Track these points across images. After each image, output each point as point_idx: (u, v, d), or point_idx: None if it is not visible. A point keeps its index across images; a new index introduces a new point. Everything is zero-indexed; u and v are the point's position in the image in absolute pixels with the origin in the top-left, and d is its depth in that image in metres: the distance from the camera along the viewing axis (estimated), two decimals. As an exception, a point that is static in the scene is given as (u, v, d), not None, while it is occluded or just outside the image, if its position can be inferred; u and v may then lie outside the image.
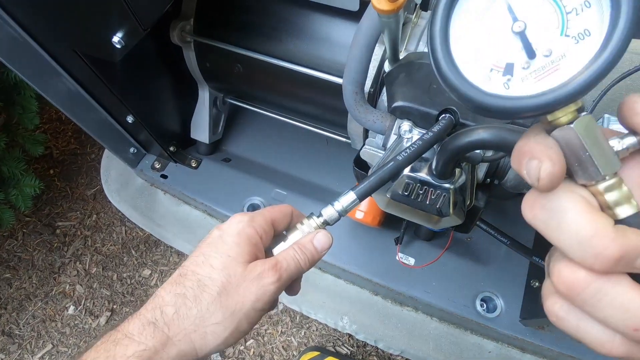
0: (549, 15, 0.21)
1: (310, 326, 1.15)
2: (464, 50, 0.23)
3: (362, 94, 0.59)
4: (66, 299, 1.27)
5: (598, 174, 0.21)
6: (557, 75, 0.21)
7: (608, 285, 0.20)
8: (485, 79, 0.22)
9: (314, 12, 0.70)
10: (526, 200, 0.22)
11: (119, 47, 0.51)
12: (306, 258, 0.37)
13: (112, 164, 1.15)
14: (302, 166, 1.06)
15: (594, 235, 0.19)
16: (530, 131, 0.23)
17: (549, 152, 0.20)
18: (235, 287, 0.34)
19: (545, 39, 0.22)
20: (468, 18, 0.23)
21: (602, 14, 0.20)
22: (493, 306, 0.85)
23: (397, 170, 0.38)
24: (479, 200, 0.56)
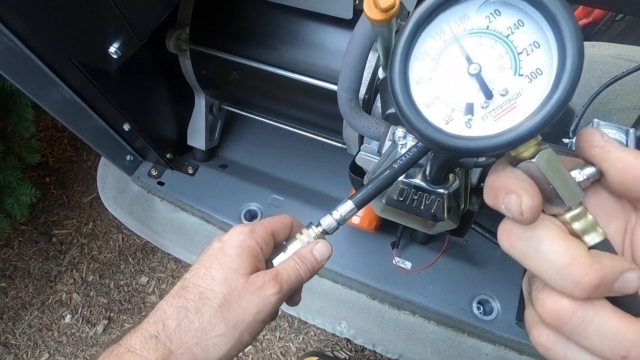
0: (502, 57, 0.22)
1: (308, 331, 1.15)
2: (424, 93, 0.24)
3: (357, 100, 0.60)
4: (63, 307, 1.26)
5: (563, 205, 0.22)
6: (515, 112, 0.22)
7: (592, 312, 0.20)
8: (447, 119, 0.23)
9: (308, 20, 0.71)
10: (502, 230, 0.23)
11: (115, 57, 0.52)
12: (306, 268, 0.38)
13: (109, 171, 1.15)
14: (298, 172, 1.07)
15: (571, 263, 0.20)
16: (497, 166, 0.23)
17: (524, 185, 0.21)
18: (237, 299, 0.34)
19: (501, 79, 0.22)
20: (425, 62, 0.24)
21: (551, 53, 0.21)
22: (490, 309, 0.86)
23: (393, 178, 0.39)
24: (473, 204, 0.57)
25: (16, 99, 1.07)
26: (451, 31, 0.23)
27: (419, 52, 0.23)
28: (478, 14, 0.22)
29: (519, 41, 0.22)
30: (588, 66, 0.74)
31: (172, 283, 1.27)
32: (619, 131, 0.52)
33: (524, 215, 0.20)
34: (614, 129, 0.53)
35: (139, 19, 0.51)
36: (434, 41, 0.23)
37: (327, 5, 0.64)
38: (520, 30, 0.22)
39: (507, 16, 0.22)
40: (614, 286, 0.20)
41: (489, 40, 0.22)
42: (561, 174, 0.22)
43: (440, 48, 0.23)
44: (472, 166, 0.47)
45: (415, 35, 0.23)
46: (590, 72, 0.65)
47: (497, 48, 0.22)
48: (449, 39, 0.23)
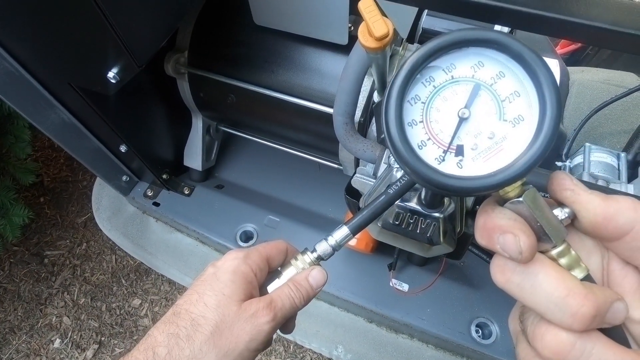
0: (487, 103, 0.24)
1: (304, 356, 1.12)
2: (416, 135, 0.25)
3: (352, 124, 0.61)
4: (52, 331, 1.23)
5: (550, 242, 0.23)
6: (503, 155, 0.24)
7: (590, 344, 0.20)
8: (439, 160, 0.25)
9: (304, 45, 0.73)
10: (495, 266, 0.23)
11: (113, 82, 0.53)
12: (301, 295, 0.37)
13: (104, 192, 1.15)
14: (294, 192, 1.07)
15: (568, 295, 0.20)
16: (485, 207, 0.24)
17: (519, 225, 0.22)
18: (229, 326, 0.34)
19: (487, 123, 0.24)
20: (417, 105, 0.25)
21: (530, 102, 0.23)
22: (488, 332, 0.85)
23: (388, 204, 0.39)
24: (469, 227, 0.57)
25: (13, 120, 1.08)
26: (440, 79, 0.25)
27: (411, 97, 0.25)
28: (464, 64, 0.24)
29: (501, 90, 0.24)
30: (578, 91, 0.76)
31: (166, 305, 1.25)
32: (610, 155, 0.53)
33: (523, 254, 0.21)
34: (606, 152, 0.53)
35: (138, 45, 0.52)
36: (424, 87, 0.25)
37: (323, 32, 0.65)
38: (502, 81, 0.24)
39: (490, 68, 0.24)
40: (606, 317, 0.20)
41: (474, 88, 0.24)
42: (545, 212, 0.23)
43: (430, 93, 0.25)
44: (467, 190, 0.47)
45: (409, 81, 0.24)
46: (581, 97, 0.66)
47: (482, 95, 0.24)
48: (438, 85, 0.25)
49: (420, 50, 0.24)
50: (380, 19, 0.43)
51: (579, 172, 0.54)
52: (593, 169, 0.52)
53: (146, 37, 0.53)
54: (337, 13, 0.62)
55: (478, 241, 0.24)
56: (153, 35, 0.55)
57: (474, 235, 0.61)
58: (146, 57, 0.55)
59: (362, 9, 0.40)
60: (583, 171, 0.53)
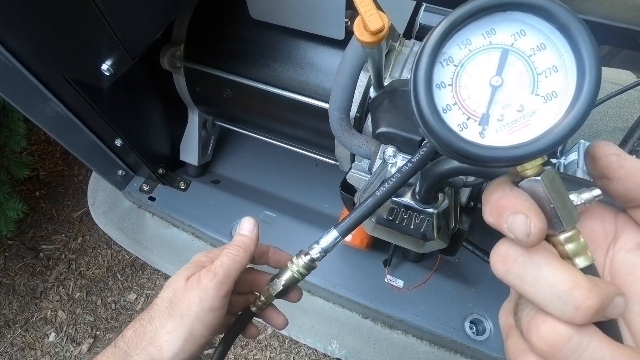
0: (522, 75, 0.23)
1: (299, 351, 1.13)
2: (443, 98, 0.24)
3: (348, 119, 0.61)
4: (47, 325, 1.23)
5: (561, 226, 0.22)
6: (528, 130, 0.23)
7: (586, 339, 0.20)
8: (462, 127, 0.24)
9: (301, 40, 0.73)
10: (497, 255, 0.22)
11: (107, 74, 0.52)
12: (235, 246, 0.41)
13: (100, 186, 1.14)
14: (291, 188, 1.06)
15: (573, 287, 0.19)
16: (501, 184, 0.23)
17: (532, 207, 0.21)
18: (180, 297, 0.38)
19: (518, 95, 0.23)
20: (449, 68, 0.24)
21: (568, 79, 0.22)
22: (482, 328, 0.85)
23: (377, 205, 0.39)
24: (463, 223, 0.57)
25: (8, 112, 1.07)
26: (477, 42, 0.24)
27: (444, 58, 0.24)
28: (505, 30, 0.23)
29: (539, 63, 0.23)
30: (574, 88, 0.75)
31: (161, 300, 1.24)
32: (604, 152, 0.53)
33: (530, 237, 0.20)
34: (600, 150, 0.53)
35: (132, 37, 0.52)
36: (459, 49, 0.24)
37: (319, 26, 0.65)
38: (542, 53, 0.23)
39: (531, 38, 0.23)
40: (607, 310, 0.20)
41: (512, 57, 0.23)
42: (562, 194, 0.22)
43: (465, 56, 0.24)
44: (461, 186, 0.47)
45: (444, 41, 0.23)
46: (577, 94, 0.66)
47: (518, 65, 0.23)
48: (474, 49, 0.24)
49: (462, 8, 0.23)
50: (376, 13, 0.43)
51: (573, 169, 0.54)
52: (587, 166, 0.52)
53: (140, 29, 0.53)
54: (333, 8, 0.62)
55: (485, 218, 0.23)
56: (147, 27, 0.54)
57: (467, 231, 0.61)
58: (140, 50, 0.54)
59: (358, 3, 0.39)
60: (577, 168, 0.53)
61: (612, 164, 0.22)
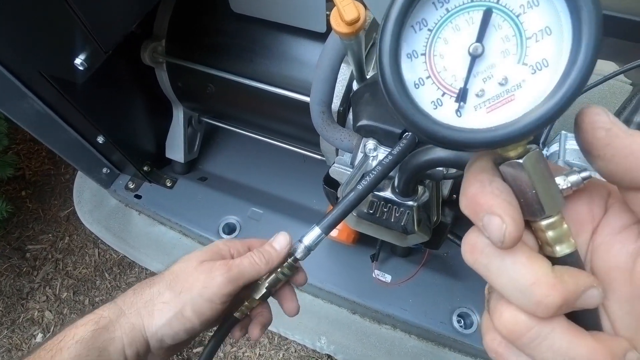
0: (508, 39, 0.20)
1: (288, 347, 1.12)
2: (415, 70, 0.21)
3: (329, 113, 0.60)
4: (34, 326, 1.21)
5: (542, 213, 0.21)
6: (511, 106, 0.20)
7: (547, 329, 0.20)
8: (436, 104, 0.21)
9: (283, 33, 0.72)
10: (466, 244, 0.22)
11: (82, 69, 0.51)
12: (261, 255, 0.40)
13: (86, 185, 1.13)
14: (278, 184, 1.06)
15: (534, 283, 0.19)
16: (479, 171, 0.21)
17: (510, 210, 0.19)
18: (186, 275, 0.38)
19: (502, 65, 0.20)
20: (421, 33, 0.21)
21: (562, 44, 0.19)
22: (470, 322, 0.85)
23: (359, 199, 0.39)
24: (446, 216, 0.57)
25: (-11, 111, 1.05)
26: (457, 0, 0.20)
27: (415, 20, 0.20)
28: None
29: (529, 23, 0.19)
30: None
31: (150, 299, 1.23)
32: (585, 143, 0.53)
33: (504, 243, 0.19)
34: (581, 141, 0.53)
35: (104, 30, 0.51)
36: (434, 9, 0.20)
37: (301, 19, 0.64)
38: (533, 11, 0.19)
39: None
40: (575, 304, 0.20)
41: (497, 18, 0.20)
42: (546, 179, 0.20)
43: (441, 18, 0.20)
44: (441, 178, 0.47)
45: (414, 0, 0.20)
46: (560, 86, 0.66)
47: (504, 28, 0.20)
48: (452, 9, 0.20)
49: None
50: (351, 3, 0.42)
51: (554, 160, 0.54)
52: (568, 156, 0.52)
53: (112, 22, 0.52)
54: (314, 0, 0.61)
55: (461, 209, 0.21)
56: (119, 20, 0.53)
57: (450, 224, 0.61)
58: (113, 43, 0.53)
59: (331, -8, 0.39)
60: (558, 159, 0.53)
61: (598, 140, 0.19)
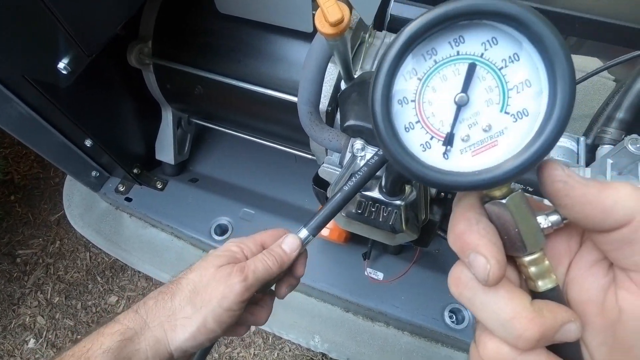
0: (491, 90, 0.21)
1: (283, 347, 1.13)
2: (405, 115, 0.22)
3: (317, 113, 0.60)
4: (26, 331, 1.20)
5: (524, 250, 0.22)
6: (495, 150, 0.21)
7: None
8: (425, 146, 0.22)
9: (270, 33, 0.71)
10: (452, 276, 0.23)
11: (65, 72, 0.51)
12: (274, 259, 0.40)
13: (75, 188, 1.12)
14: (270, 184, 1.06)
15: (514, 317, 0.20)
16: (466, 209, 0.22)
17: (494, 251, 0.21)
18: (205, 285, 0.38)
19: (486, 113, 0.21)
20: (412, 81, 0.22)
21: (541, 96, 0.20)
22: (462, 317, 0.86)
23: (346, 200, 0.39)
24: (434, 214, 0.57)
25: (-26, 115, 1.03)
26: (444, 53, 0.21)
27: (406, 70, 0.22)
28: (474, 38, 0.21)
29: (511, 76, 0.21)
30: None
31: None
32: (570, 140, 0.54)
33: (488, 282, 0.20)
34: (566, 137, 0.54)
35: (86, 34, 0.50)
36: (424, 60, 0.22)
37: (287, 19, 0.64)
38: (514, 65, 0.21)
39: (504, 47, 0.21)
40: (554, 337, 0.21)
41: (481, 70, 0.21)
42: (528, 219, 0.22)
43: (430, 68, 0.22)
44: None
45: (406, 51, 0.21)
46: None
47: (487, 79, 0.21)
48: (440, 60, 0.21)
49: (427, 15, 0.20)
50: (335, 4, 0.42)
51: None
52: (552, 153, 0.52)
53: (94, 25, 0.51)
54: (300, 0, 0.61)
55: (449, 243, 0.23)
56: (102, 23, 0.52)
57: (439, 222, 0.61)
58: (96, 46, 0.53)
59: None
60: (543, 156, 0.53)
61: (558, 192, 0.21)
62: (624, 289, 0.21)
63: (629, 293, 0.20)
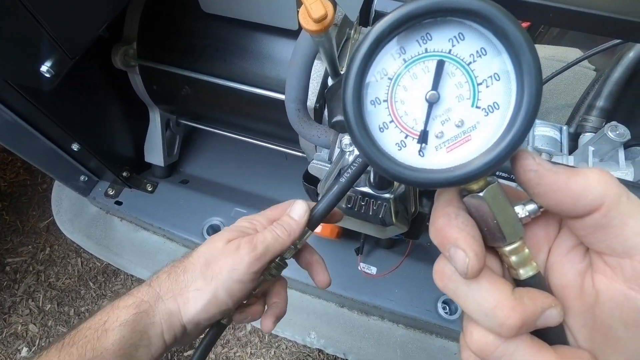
0: (461, 85, 0.21)
1: (279, 345, 1.13)
2: (379, 116, 0.22)
3: (305, 110, 0.60)
4: (18, 340, 1.19)
5: (504, 240, 0.22)
6: (469, 145, 0.22)
7: (512, 346, 0.21)
8: (400, 145, 0.22)
9: (255, 31, 0.71)
10: (436, 270, 0.24)
11: (48, 76, 0.50)
12: (283, 229, 0.39)
13: (64, 193, 1.10)
14: (261, 183, 1.06)
15: (496, 307, 0.21)
16: (446, 204, 0.23)
17: (473, 245, 0.21)
18: (216, 258, 0.38)
19: (458, 109, 0.22)
20: (382, 82, 0.22)
21: (510, 89, 0.20)
22: (454, 308, 0.87)
23: (343, 192, 0.40)
24: (424, 206, 0.58)
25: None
26: (412, 51, 0.21)
27: (376, 70, 0.22)
28: (441, 35, 0.21)
29: (479, 71, 0.21)
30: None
31: (138, 306, 1.22)
32: (553, 129, 0.55)
33: (467, 274, 0.21)
34: (549, 126, 0.55)
35: (69, 37, 0.50)
36: (393, 59, 0.22)
37: (272, 17, 0.64)
38: (482, 59, 0.21)
39: (471, 42, 0.21)
40: (536, 323, 0.21)
41: (450, 66, 0.21)
42: (505, 209, 0.22)
43: (399, 68, 0.22)
44: (416, 170, 0.48)
45: (374, 52, 0.21)
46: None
47: (457, 75, 0.21)
48: (409, 59, 0.22)
49: (392, 15, 0.20)
50: (318, 1, 0.42)
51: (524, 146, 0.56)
52: (537, 142, 0.54)
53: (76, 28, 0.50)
54: (284, -3, 0.61)
55: (430, 237, 0.23)
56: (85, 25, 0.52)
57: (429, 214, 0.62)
58: (79, 49, 0.52)
59: (297, -9, 0.39)
60: (527, 145, 0.55)
61: (530, 181, 0.22)
62: (599, 273, 0.21)
63: (604, 276, 0.21)
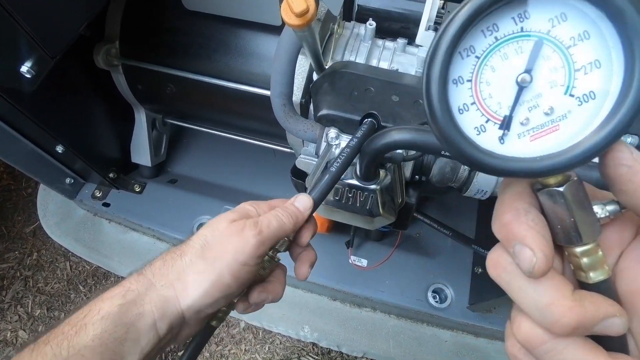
0: (556, 70, 0.19)
1: (273, 340, 1.13)
2: (460, 95, 0.20)
3: (291, 105, 0.61)
4: (8, 347, 1.17)
5: (579, 241, 0.21)
6: (555, 135, 0.20)
7: (561, 345, 0.20)
8: (480, 130, 0.21)
9: (239, 28, 0.71)
10: (490, 260, 0.23)
11: (29, 76, 0.49)
12: (288, 216, 0.39)
13: (50, 197, 1.09)
14: (250, 179, 1.06)
15: (551, 304, 0.20)
16: (515, 198, 0.21)
17: (542, 245, 0.20)
18: (218, 240, 0.36)
19: (549, 95, 0.20)
20: (469, 59, 0.20)
21: (611, 78, 0.19)
22: (444, 296, 0.89)
23: (334, 181, 0.40)
24: (410, 197, 0.59)
25: None
26: (506, 29, 0.19)
27: (463, 47, 0.20)
28: (541, 14, 0.19)
29: (579, 56, 0.19)
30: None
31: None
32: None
33: (532, 274, 0.20)
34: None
35: (49, 36, 0.49)
36: (483, 37, 0.20)
37: (255, 13, 0.64)
38: (584, 43, 0.19)
39: (574, 23, 0.19)
40: (593, 329, 0.20)
41: (547, 49, 0.19)
42: (584, 208, 0.20)
43: (489, 46, 0.20)
44: (401, 160, 0.49)
45: (468, 27, 0.19)
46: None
47: (553, 59, 0.19)
48: (501, 37, 0.20)
49: None
50: (299, -5, 0.43)
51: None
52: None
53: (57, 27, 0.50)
54: (267, -7, 0.61)
55: (493, 230, 0.22)
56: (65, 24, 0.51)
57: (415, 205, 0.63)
58: (60, 48, 0.51)
59: (277, -15, 0.39)
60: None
61: (621, 177, 0.20)
62: None
63: None
